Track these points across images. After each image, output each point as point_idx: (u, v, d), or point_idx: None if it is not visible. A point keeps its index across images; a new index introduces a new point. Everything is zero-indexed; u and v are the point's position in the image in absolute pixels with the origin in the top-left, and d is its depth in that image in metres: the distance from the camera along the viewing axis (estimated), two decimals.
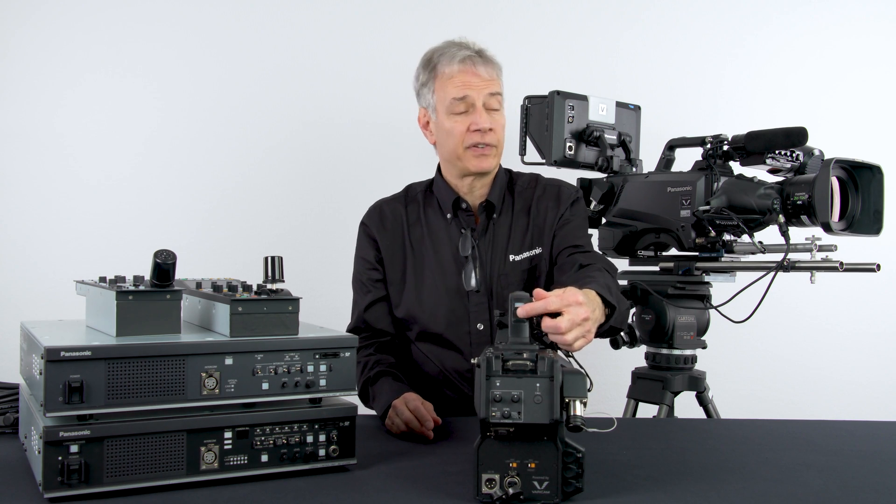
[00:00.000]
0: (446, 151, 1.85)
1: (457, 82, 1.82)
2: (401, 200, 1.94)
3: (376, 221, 1.91)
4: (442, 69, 1.83)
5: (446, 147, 1.84)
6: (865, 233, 1.79)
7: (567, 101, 2.09)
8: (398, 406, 1.56)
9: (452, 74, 1.82)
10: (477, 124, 1.80)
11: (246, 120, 2.64)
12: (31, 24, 2.54)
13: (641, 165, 2.18)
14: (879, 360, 2.72)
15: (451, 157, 1.85)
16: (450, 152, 1.84)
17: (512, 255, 1.86)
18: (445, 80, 1.82)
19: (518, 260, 1.87)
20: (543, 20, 2.73)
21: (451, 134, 1.82)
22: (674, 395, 1.97)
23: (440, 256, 1.86)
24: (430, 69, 1.85)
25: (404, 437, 1.50)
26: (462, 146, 1.82)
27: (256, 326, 1.21)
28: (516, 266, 1.86)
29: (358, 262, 1.93)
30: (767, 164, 1.89)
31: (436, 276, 1.85)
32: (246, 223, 2.63)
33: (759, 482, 1.23)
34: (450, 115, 1.82)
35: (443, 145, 1.86)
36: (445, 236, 1.87)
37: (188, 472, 1.14)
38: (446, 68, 1.83)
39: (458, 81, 1.81)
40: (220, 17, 2.63)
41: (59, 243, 2.54)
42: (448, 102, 1.81)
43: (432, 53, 1.87)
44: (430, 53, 1.87)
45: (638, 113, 2.22)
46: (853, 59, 2.75)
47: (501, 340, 1.17)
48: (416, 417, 1.52)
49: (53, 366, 1.06)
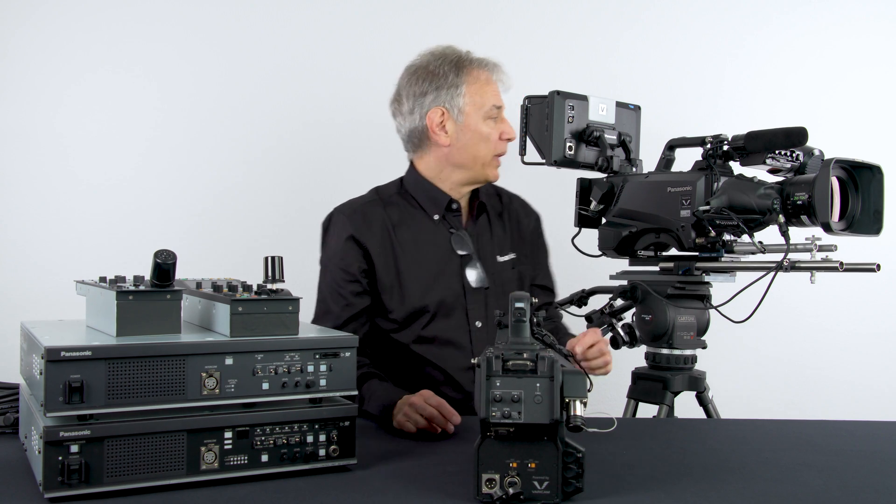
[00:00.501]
0: (468, 156, 1.86)
1: (495, 89, 1.87)
2: (377, 203, 1.91)
3: (361, 226, 1.85)
4: (477, 73, 1.85)
5: (471, 151, 1.86)
6: (865, 233, 1.79)
7: (567, 101, 2.09)
8: (417, 403, 1.54)
9: (490, 80, 1.86)
10: (508, 134, 1.87)
11: (246, 120, 2.65)
12: (31, 24, 2.54)
13: (641, 165, 2.18)
14: (879, 360, 2.72)
15: (473, 162, 1.87)
16: (474, 157, 1.86)
17: (498, 255, 1.93)
18: (483, 85, 1.85)
19: (503, 261, 1.94)
20: (543, 20, 2.73)
21: (486, 139, 1.86)
22: (674, 395, 1.96)
23: (432, 256, 1.87)
24: (458, 70, 1.84)
25: (411, 436, 1.50)
26: (493, 153, 1.86)
27: (256, 326, 1.21)
28: (504, 266, 1.92)
29: (334, 272, 1.84)
30: (767, 164, 1.89)
31: (432, 276, 1.85)
32: (246, 223, 2.63)
33: (759, 482, 1.23)
34: (486, 120, 1.85)
35: (465, 149, 1.86)
36: (433, 237, 1.88)
37: (188, 472, 1.14)
38: (482, 73, 1.86)
39: (495, 89, 1.86)
40: (220, 17, 2.63)
41: (59, 243, 2.54)
42: (488, 108, 1.84)
43: (454, 56, 1.86)
44: (452, 55, 1.86)
45: (638, 113, 2.22)
46: (853, 59, 2.75)
47: (501, 340, 1.18)
48: (440, 413, 1.51)
49: (53, 366, 1.06)
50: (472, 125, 1.84)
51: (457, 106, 1.84)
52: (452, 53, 1.88)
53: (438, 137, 1.86)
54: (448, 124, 1.85)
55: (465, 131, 1.85)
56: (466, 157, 1.87)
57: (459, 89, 1.83)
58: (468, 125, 1.84)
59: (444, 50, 1.89)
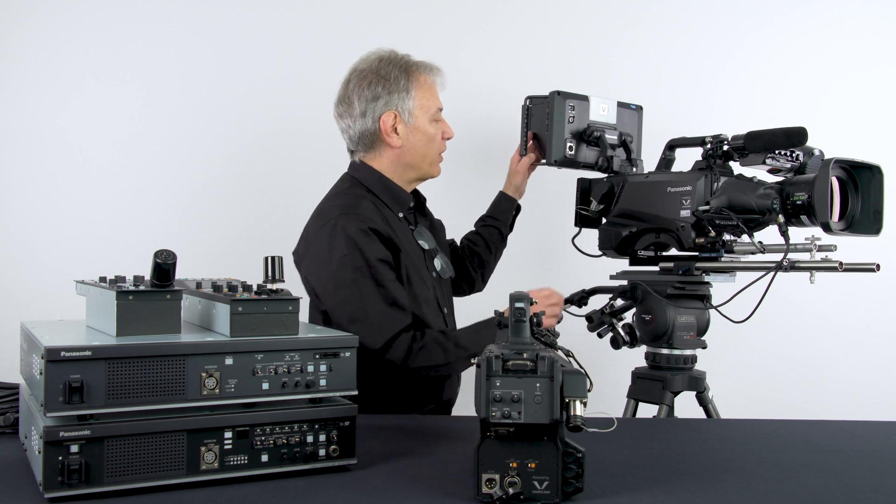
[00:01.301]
0: (418, 155, 1.98)
1: (437, 93, 2.01)
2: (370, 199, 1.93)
3: (381, 223, 1.87)
4: (423, 78, 1.98)
5: (421, 151, 1.98)
6: (865, 233, 1.79)
7: (568, 101, 2.10)
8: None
9: (434, 84, 2.00)
10: (448, 133, 2.03)
11: (246, 120, 2.64)
12: (32, 25, 2.54)
13: (642, 165, 2.18)
14: (879, 360, 2.72)
15: (422, 160, 1.99)
16: (423, 156, 1.99)
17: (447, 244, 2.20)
18: (429, 89, 1.99)
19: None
20: (543, 20, 2.73)
21: (433, 140, 1.99)
22: (674, 395, 1.97)
23: (411, 251, 1.94)
24: (407, 76, 1.95)
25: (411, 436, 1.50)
26: (438, 151, 2.02)
27: (256, 326, 1.21)
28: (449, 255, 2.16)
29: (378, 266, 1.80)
30: (767, 164, 1.90)
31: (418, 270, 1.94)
32: (246, 223, 2.63)
33: (759, 482, 1.23)
34: (432, 122, 1.98)
35: (415, 149, 1.97)
36: (403, 234, 1.96)
37: (188, 472, 1.14)
38: (427, 77, 1.99)
39: (437, 92, 2.00)
40: (220, 17, 2.63)
41: (59, 243, 2.54)
42: (433, 111, 1.98)
43: (402, 61, 1.97)
44: (400, 61, 1.97)
45: (640, 113, 2.22)
46: (853, 59, 2.75)
47: (501, 340, 1.18)
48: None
49: (53, 366, 1.06)
50: (421, 127, 1.97)
51: (407, 109, 1.95)
52: (399, 58, 1.98)
53: (391, 139, 1.95)
54: (399, 126, 1.95)
55: (415, 133, 1.96)
56: (416, 156, 1.98)
57: (410, 93, 1.95)
58: (417, 127, 1.96)
59: (390, 54, 1.98)
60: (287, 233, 2.63)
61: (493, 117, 2.63)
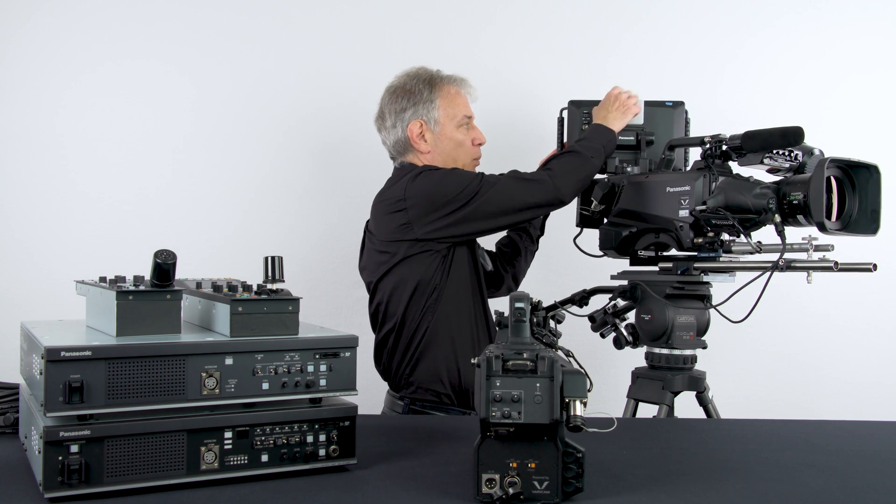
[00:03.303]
0: (449, 160, 2.13)
1: (464, 101, 2.13)
2: None
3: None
4: (447, 88, 2.13)
5: (451, 156, 2.11)
6: (862, 232, 1.79)
7: (582, 108, 2.16)
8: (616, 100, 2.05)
9: (459, 93, 2.13)
10: (479, 139, 2.16)
11: (246, 120, 2.65)
12: (32, 25, 2.54)
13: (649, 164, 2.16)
14: (879, 359, 2.72)
15: (454, 164, 2.10)
16: (454, 160, 2.11)
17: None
18: (454, 97, 2.13)
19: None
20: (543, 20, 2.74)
21: (461, 145, 2.12)
22: (674, 395, 1.96)
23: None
24: (431, 87, 2.11)
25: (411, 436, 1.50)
26: (470, 157, 2.14)
27: (256, 326, 1.21)
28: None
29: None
30: (766, 163, 1.89)
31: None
32: (246, 223, 2.63)
33: (759, 482, 1.23)
34: (459, 128, 2.11)
35: (445, 154, 2.11)
36: None
37: (188, 472, 1.14)
38: (451, 88, 2.12)
39: (464, 101, 2.16)
40: (222, 18, 2.63)
41: (59, 243, 2.54)
42: (459, 118, 2.11)
43: (428, 75, 2.13)
44: (426, 75, 2.12)
45: (676, 109, 2.18)
46: (853, 60, 2.75)
47: (501, 340, 1.18)
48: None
49: (53, 366, 1.06)
50: (448, 133, 2.11)
51: (433, 118, 2.10)
52: (425, 73, 2.14)
53: (419, 146, 2.11)
54: (427, 134, 2.10)
55: (442, 139, 2.11)
56: (447, 161, 2.11)
57: (434, 103, 2.10)
58: (444, 134, 2.11)
59: (418, 71, 2.15)
60: (287, 233, 2.65)
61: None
